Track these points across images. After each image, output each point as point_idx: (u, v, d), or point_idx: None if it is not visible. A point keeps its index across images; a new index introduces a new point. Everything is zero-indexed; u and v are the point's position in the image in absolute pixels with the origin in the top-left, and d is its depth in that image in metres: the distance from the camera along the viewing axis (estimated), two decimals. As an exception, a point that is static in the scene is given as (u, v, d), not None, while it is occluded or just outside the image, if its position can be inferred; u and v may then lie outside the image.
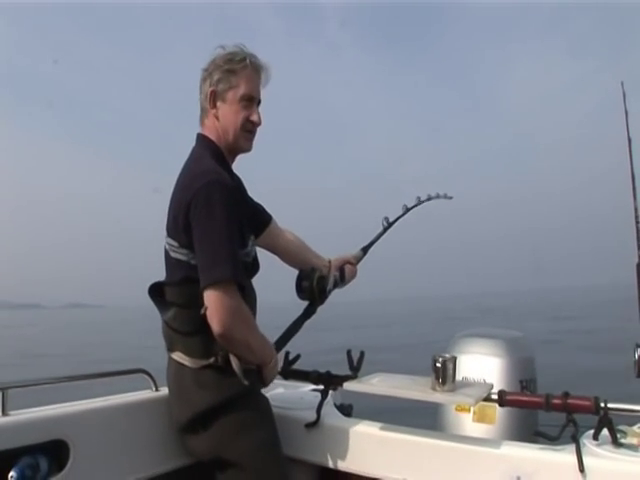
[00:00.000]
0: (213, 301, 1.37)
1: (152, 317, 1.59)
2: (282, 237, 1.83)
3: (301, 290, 1.74)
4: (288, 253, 1.84)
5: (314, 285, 1.71)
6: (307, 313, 1.77)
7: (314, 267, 1.76)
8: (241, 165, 1.66)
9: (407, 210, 2.02)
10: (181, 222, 1.42)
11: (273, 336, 1.65)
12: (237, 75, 1.52)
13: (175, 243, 1.46)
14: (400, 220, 2.02)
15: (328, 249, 1.92)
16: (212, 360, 1.44)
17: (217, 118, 1.55)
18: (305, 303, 1.78)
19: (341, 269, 1.86)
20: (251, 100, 1.55)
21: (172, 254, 1.47)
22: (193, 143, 1.61)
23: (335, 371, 1.71)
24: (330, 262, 1.85)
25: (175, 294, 1.49)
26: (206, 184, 1.41)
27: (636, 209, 1.50)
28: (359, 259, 1.94)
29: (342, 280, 1.84)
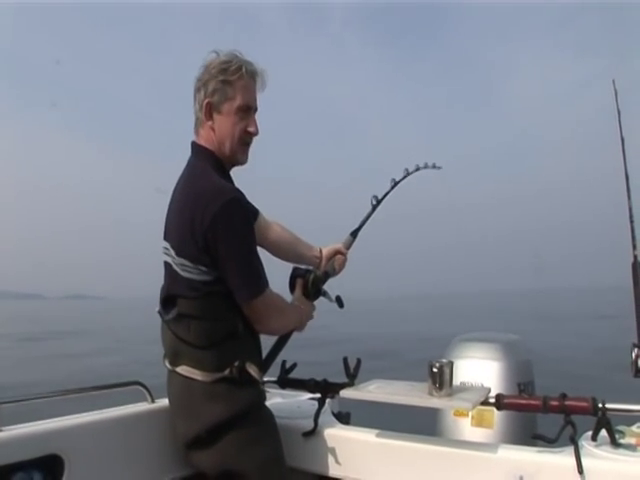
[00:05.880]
0: (261, 310, 1.48)
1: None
2: (271, 231, 1.78)
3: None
4: (279, 248, 1.79)
5: (309, 287, 1.70)
6: None
7: (308, 268, 1.74)
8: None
9: (395, 184, 1.91)
10: (201, 243, 1.38)
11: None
12: (233, 86, 1.47)
13: (189, 263, 1.41)
14: (390, 194, 1.90)
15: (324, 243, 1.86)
16: (227, 372, 1.42)
17: (213, 130, 1.50)
18: None
19: (332, 260, 1.83)
20: (248, 111, 1.51)
21: (184, 274, 1.42)
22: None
23: (332, 379, 1.70)
24: (321, 252, 1.83)
25: (191, 307, 1.43)
26: (225, 205, 1.38)
27: (630, 208, 1.50)
28: (349, 245, 1.88)
29: (333, 272, 1.81)
